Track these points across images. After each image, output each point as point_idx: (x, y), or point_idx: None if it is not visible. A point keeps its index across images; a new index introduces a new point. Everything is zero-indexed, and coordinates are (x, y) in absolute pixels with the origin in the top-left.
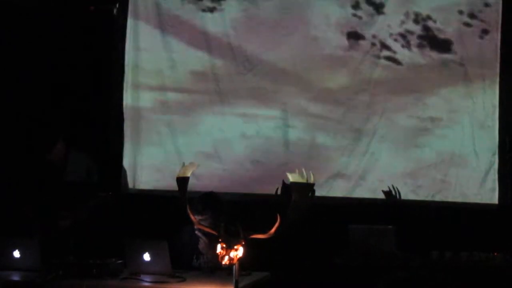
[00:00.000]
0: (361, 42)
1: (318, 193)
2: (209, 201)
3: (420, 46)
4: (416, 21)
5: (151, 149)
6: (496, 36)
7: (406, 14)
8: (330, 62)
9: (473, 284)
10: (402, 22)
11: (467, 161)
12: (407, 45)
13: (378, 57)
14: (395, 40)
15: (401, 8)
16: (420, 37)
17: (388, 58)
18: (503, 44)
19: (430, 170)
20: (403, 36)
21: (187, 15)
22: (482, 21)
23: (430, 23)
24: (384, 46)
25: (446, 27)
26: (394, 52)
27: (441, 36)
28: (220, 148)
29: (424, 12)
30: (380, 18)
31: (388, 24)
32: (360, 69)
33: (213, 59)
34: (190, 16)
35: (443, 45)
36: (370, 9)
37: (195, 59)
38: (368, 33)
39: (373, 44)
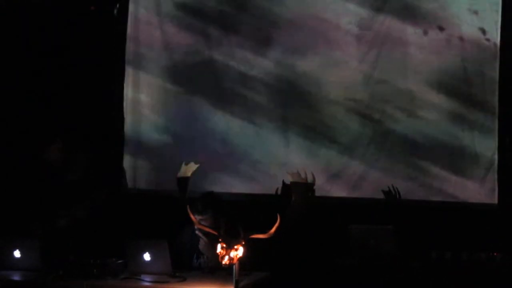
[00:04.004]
0: (361, 41)
1: (318, 193)
2: (209, 201)
3: (419, 46)
4: (415, 22)
5: (151, 149)
6: (496, 36)
7: (406, 14)
8: (330, 61)
9: (473, 284)
10: (403, 23)
11: (467, 161)
12: (407, 46)
13: (379, 56)
14: (395, 40)
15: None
16: (420, 37)
17: (388, 59)
18: (502, 43)
19: (430, 170)
20: (402, 36)
21: (187, 15)
22: (481, 21)
23: (430, 24)
24: (384, 46)
25: (447, 27)
26: (394, 52)
27: (441, 36)
28: (220, 148)
29: (425, 13)
30: (380, 17)
31: (388, 25)
32: (360, 68)
33: (213, 59)
34: (191, 16)
35: (443, 46)
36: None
37: (195, 59)
38: (368, 34)
39: (373, 44)
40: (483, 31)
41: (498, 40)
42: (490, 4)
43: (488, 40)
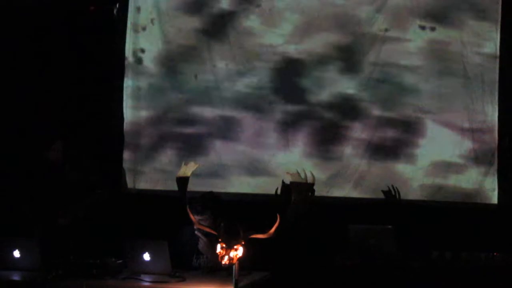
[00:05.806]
0: (361, 41)
1: (318, 193)
2: (209, 201)
3: (419, 47)
4: (415, 22)
5: (151, 149)
6: (495, 36)
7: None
8: (330, 61)
9: (473, 284)
10: (403, 24)
11: (467, 161)
12: (407, 45)
13: (378, 57)
14: (396, 41)
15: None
16: (419, 37)
17: (388, 59)
18: (502, 43)
19: (429, 170)
20: (403, 36)
21: (187, 14)
22: (482, 20)
23: (431, 25)
24: (385, 47)
25: (446, 27)
26: (395, 53)
27: (441, 37)
28: (220, 148)
29: (425, 13)
30: (380, 19)
31: (388, 26)
32: (360, 69)
33: (213, 58)
34: (191, 16)
35: (443, 46)
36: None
37: (195, 58)
38: (368, 33)
39: (374, 44)
40: (484, 31)
41: (498, 39)
42: (490, 4)
43: (488, 39)
